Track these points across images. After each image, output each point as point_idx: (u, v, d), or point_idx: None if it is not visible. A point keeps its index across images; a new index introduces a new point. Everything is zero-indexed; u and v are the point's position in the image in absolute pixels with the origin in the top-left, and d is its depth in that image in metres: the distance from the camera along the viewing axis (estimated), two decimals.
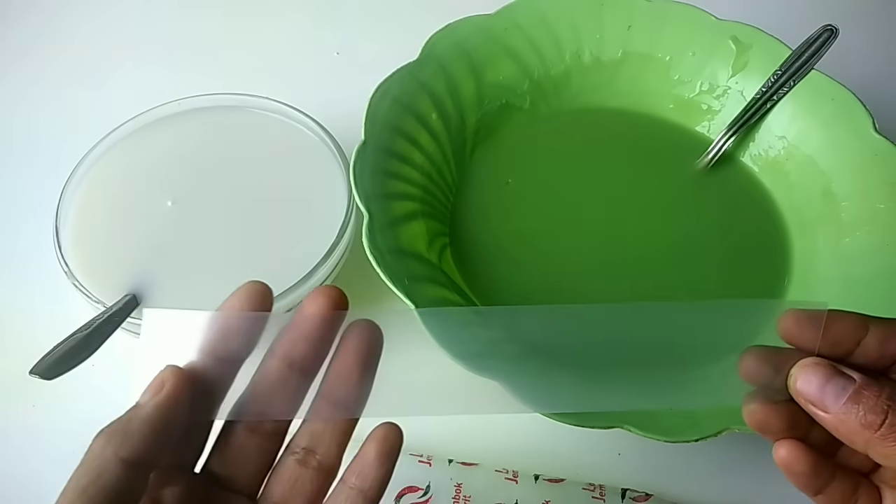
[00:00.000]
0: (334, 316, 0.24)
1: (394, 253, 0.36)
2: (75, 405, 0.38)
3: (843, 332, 0.23)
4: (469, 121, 0.45)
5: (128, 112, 0.43)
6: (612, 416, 0.31)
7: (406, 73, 0.42)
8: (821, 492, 0.24)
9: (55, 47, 0.56)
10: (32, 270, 0.43)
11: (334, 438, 0.25)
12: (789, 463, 0.24)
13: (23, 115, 0.52)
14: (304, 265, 0.37)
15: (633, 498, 0.36)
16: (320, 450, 0.25)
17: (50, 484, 0.22)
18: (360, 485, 0.25)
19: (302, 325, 0.24)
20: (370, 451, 0.25)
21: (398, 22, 0.58)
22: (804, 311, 0.23)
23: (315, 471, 0.25)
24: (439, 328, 0.30)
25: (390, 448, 0.25)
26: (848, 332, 0.23)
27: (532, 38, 0.46)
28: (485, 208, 0.43)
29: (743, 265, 0.42)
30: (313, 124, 0.43)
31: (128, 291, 0.37)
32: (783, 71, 0.44)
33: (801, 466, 0.24)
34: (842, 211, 0.41)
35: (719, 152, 0.45)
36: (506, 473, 0.36)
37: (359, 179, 0.36)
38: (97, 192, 0.41)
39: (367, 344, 0.25)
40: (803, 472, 0.24)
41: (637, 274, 0.41)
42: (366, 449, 0.25)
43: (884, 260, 0.38)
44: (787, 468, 0.24)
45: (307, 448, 0.25)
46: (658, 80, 0.47)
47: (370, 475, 0.25)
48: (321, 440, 0.25)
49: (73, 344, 0.33)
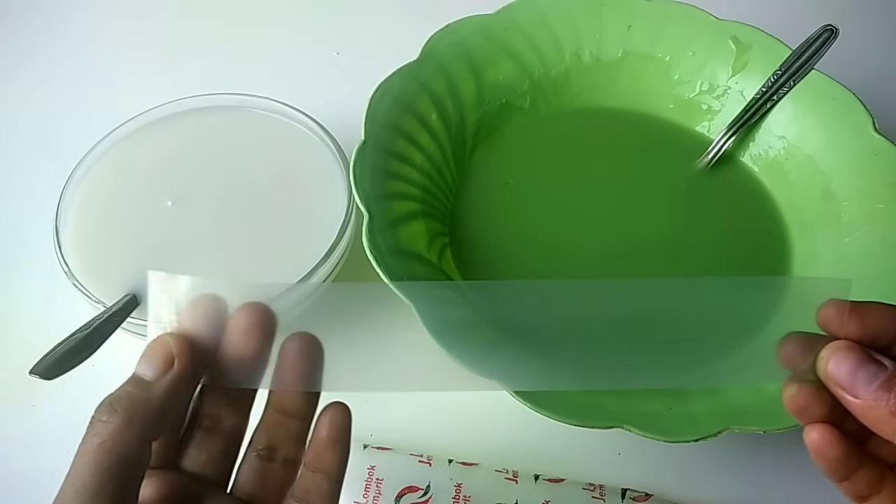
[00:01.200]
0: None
1: (394, 253, 0.36)
2: (75, 405, 0.38)
3: (884, 324, 0.23)
4: (469, 121, 0.45)
5: (128, 112, 0.43)
6: (612, 416, 0.31)
7: (406, 73, 0.42)
8: (847, 479, 0.24)
9: (56, 48, 0.56)
10: (32, 270, 0.43)
11: (291, 440, 0.26)
12: (822, 447, 0.23)
13: (23, 115, 0.52)
14: (304, 265, 0.37)
15: (633, 498, 0.36)
16: (281, 448, 0.26)
17: (50, 483, 0.22)
18: (322, 467, 0.25)
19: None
20: (322, 435, 0.25)
21: (398, 22, 0.58)
22: (845, 301, 0.23)
23: (281, 464, 0.26)
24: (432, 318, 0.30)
25: (339, 429, 0.25)
26: (890, 324, 0.23)
27: (532, 38, 0.46)
28: (485, 208, 0.43)
29: (743, 265, 0.42)
30: (313, 124, 0.43)
31: (128, 291, 0.37)
32: (783, 71, 0.44)
33: (832, 451, 0.23)
34: (842, 211, 0.41)
35: (719, 152, 0.45)
36: (506, 473, 0.36)
37: (359, 179, 0.36)
38: (97, 192, 0.41)
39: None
40: (834, 457, 0.23)
41: (637, 274, 0.41)
42: (318, 434, 0.25)
43: (884, 260, 0.38)
44: (818, 452, 0.24)
45: (268, 447, 0.26)
46: (658, 80, 0.47)
47: (328, 458, 0.25)
48: (279, 441, 0.26)
49: (73, 344, 0.33)
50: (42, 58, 0.56)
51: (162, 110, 0.44)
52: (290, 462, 0.26)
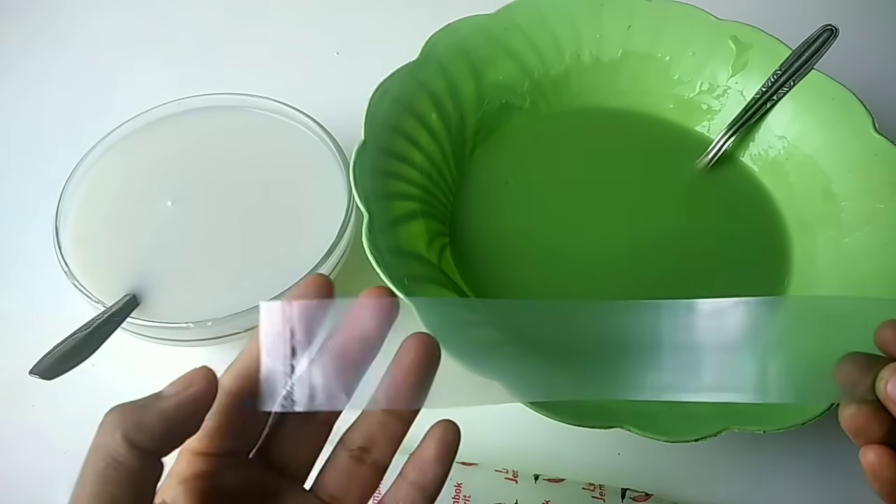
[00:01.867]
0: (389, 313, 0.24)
1: (394, 253, 0.36)
2: (75, 405, 0.38)
3: None
4: (469, 121, 0.45)
5: (128, 112, 0.43)
6: (612, 416, 0.31)
7: (406, 73, 0.42)
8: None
9: (56, 48, 0.56)
10: (32, 270, 0.43)
11: (388, 443, 0.25)
12: (879, 468, 0.23)
13: (23, 115, 0.52)
14: (304, 265, 0.37)
15: (633, 498, 0.36)
16: (375, 450, 0.25)
17: (49, 483, 0.22)
18: (419, 481, 0.25)
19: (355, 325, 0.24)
20: (430, 448, 0.25)
21: (398, 22, 0.58)
22: None
23: (370, 467, 0.25)
24: (437, 324, 0.30)
25: (449, 446, 0.25)
26: None
27: (532, 38, 0.46)
28: (484, 208, 0.43)
29: (743, 265, 0.42)
30: (313, 124, 0.43)
31: (128, 291, 0.37)
32: (783, 71, 0.44)
33: (889, 472, 0.23)
34: (842, 211, 0.41)
35: (719, 152, 0.45)
36: (506, 473, 0.36)
37: (359, 179, 0.36)
38: (97, 192, 0.41)
39: (427, 360, 0.25)
40: (891, 478, 0.23)
41: (637, 273, 0.41)
42: (425, 446, 0.25)
43: (884, 259, 0.38)
44: (875, 473, 0.24)
45: (362, 447, 0.25)
46: (658, 79, 0.47)
47: (430, 472, 0.25)
48: (376, 442, 0.25)
49: (73, 344, 0.33)
50: (42, 57, 0.56)
51: (162, 110, 0.44)
52: (380, 467, 0.25)
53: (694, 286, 0.40)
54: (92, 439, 0.21)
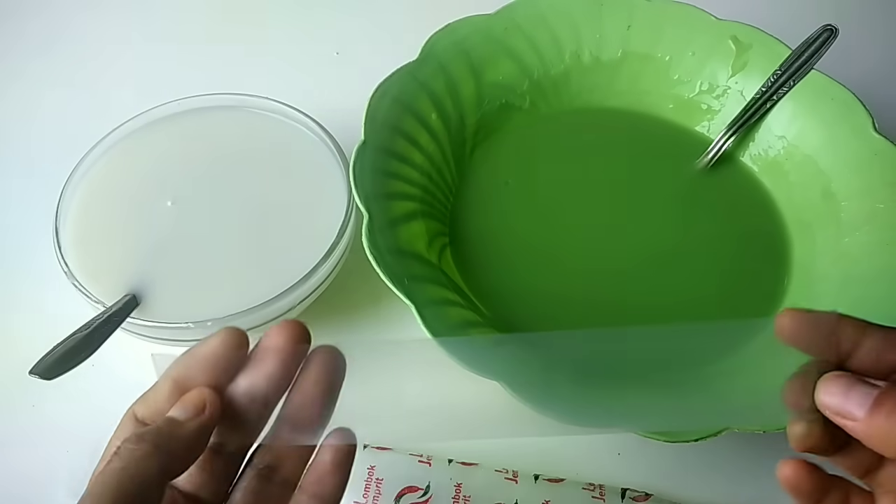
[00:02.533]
0: (296, 351, 0.24)
1: (393, 253, 0.36)
2: (75, 405, 0.38)
3: (840, 334, 0.23)
4: (469, 121, 0.45)
5: (128, 112, 0.43)
6: (613, 417, 0.31)
7: (406, 73, 0.42)
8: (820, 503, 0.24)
9: (56, 48, 0.56)
10: (32, 270, 0.43)
11: (296, 460, 0.25)
12: (797, 483, 0.24)
13: (23, 115, 0.52)
14: (304, 265, 0.37)
15: (633, 498, 0.36)
16: (283, 468, 0.25)
17: (49, 483, 0.22)
18: (318, 492, 0.25)
19: (264, 363, 0.24)
20: (326, 458, 0.25)
21: (398, 22, 0.58)
22: (802, 311, 0.23)
23: (278, 486, 0.25)
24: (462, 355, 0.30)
25: (345, 454, 0.25)
26: (846, 335, 0.23)
27: (532, 38, 0.46)
28: (484, 208, 0.43)
29: (743, 265, 0.42)
30: (313, 124, 0.43)
31: (128, 291, 0.37)
32: (783, 71, 0.44)
33: (808, 485, 0.24)
34: (842, 211, 0.41)
35: (719, 152, 0.45)
36: (506, 473, 0.36)
37: (359, 179, 0.36)
38: (97, 192, 0.41)
39: (330, 373, 0.25)
40: (808, 490, 0.24)
41: (637, 274, 0.41)
42: (321, 457, 0.25)
43: (884, 259, 0.38)
44: (794, 489, 0.24)
45: (270, 465, 0.25)
46: (658, 79, 0.47)
47: (328, 482, 0.25)
48: (283, 460, 0.25)
49: (73, 344, 0.33)
50: (42, 57, 0.56)
51: (162, 110, 0.44)
52: (289, 484, 0.25)
53: (693, 286, 0.41)
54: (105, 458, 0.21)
